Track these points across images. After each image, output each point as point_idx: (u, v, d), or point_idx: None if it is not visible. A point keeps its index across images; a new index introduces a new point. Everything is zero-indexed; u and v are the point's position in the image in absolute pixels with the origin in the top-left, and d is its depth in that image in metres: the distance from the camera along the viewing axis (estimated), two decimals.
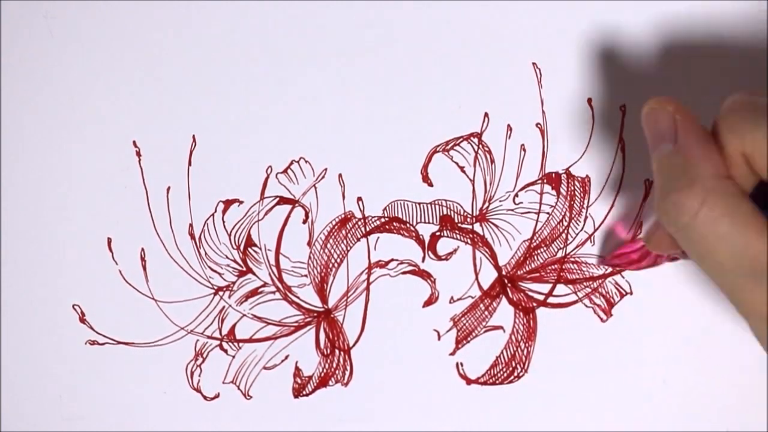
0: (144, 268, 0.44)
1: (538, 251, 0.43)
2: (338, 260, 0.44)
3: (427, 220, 0.43)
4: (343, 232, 0.44)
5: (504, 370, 0.43)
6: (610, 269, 0.43)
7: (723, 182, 0.32)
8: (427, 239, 0.44)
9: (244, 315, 0.44)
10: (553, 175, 0.43)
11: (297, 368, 0.44)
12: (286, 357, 0.44)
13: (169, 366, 0.44)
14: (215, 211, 0.44)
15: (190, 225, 0.44)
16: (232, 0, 0.43)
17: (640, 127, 0.42)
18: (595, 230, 0.43)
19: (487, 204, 0.43)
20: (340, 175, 0.43)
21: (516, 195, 0.43)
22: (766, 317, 0.32)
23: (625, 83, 0.42)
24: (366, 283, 0.44)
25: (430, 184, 0.43)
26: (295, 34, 0.43)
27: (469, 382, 0.43)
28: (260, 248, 0.44)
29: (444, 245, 0.44)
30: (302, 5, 0.43)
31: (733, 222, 0.31)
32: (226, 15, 0.43)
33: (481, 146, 0.43)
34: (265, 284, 0.44)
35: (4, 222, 0.44)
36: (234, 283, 0.44)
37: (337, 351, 0.44)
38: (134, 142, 0.44)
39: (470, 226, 0.43)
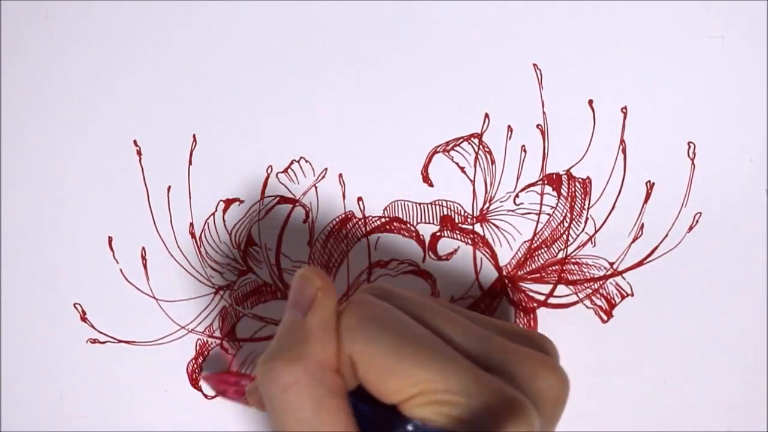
0: (145, 267, 0.44)
1: (539, 252, 0.43)
2: (338, 260, 0.44)
3: (427, 221, 0.43)
4: (344, 231, 0.44)
5: None
6: (610, 271, 0.43)
7: (325, 373, 0.32)
8: (427, 239, 0.44)
9: (245, 314, 0.44)
10: (554, 176, 0.43)
11: None
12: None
13: (169, 365, 0.44)
14: (216, 210, 0.44)
15: (191, 224, 0.44)
16: (232, 0, 0.43)
17: (642, 129, 0.42)
18: (596, 231, 0.43)
19: (487, 204, 0.43)
20: (340, 175, 0.43)
21: (516, 196, 0.43)
22: None
23: (627, 84, 0.42)
24: (366, 283, 0.44)
25: (431, 185, 0.43)
26: (295, 34, 0.43)
27: None
28: (261, 247, 0.44)
29: (444, 245, 0.44)
30: (302, 5, 0.43)
31: (318, 412, 0.31)
32: (227, 15, 0.43)
33: (481, 147, 0.43)
34: (265, 284, 0.44)
35: (4, 222, 0.44)
36: (234, 282, 0.44)
37: None
38: (135, 142, 0.44)
39: (471, 227, 0.43)
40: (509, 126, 0.43)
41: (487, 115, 0.43)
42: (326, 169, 0.43)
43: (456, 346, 0.33)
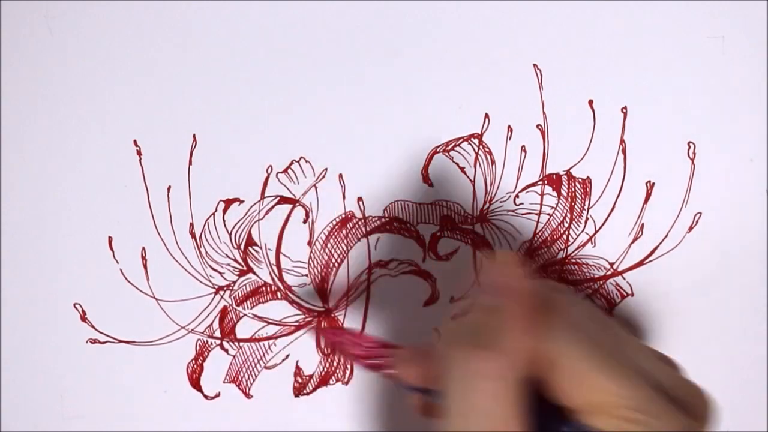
0: (145, 267, 0.44)
1: (539, 252, 0.43)
2: (339, 260, 0.44)
3: (427, 221, 0.43)
4: (344, 232, 0.44)
5: None
6: (610, 271, 0.43)
7: (517, 366, 0.32)
8: (427, 239, 0.44)
9: (245, 314, 0.44)
10: (554, 176, 0.43)
11: (298, 367, 0.44)
12: (287, 356, 0.44)
13: (169, 365, 0.44)
14: (216, 210, 0.44)
15: (191, 224, 0.44)
16: (232, 0, 0.43)
17: (642, 129, 0.42)
18: (596, 231, 0.43)
19: (487, 205, 0.43)
20: (340, 175, 0.43)
21: (517, 196, 0.43)
22: None
23: (627, 84, 0.42)
24: (366, 283, 0.44)
25: (431, 185, 0.43)
26: (295, 34, 0.43)
27: None
28: (261, 248, 0.44)
29: (444, 245, 0.44)
30: (303, 5, 0.43)
31: (497, 403, 0.31)
32: (227, 15, 0.43)
33: (481, 147, 0.43)
34: (265, 284, 0.44)
35: (4, 222, 0.44)
36: (235, 282, 0.44)
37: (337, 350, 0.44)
38: (135, 142, 0.44)
39: (471, 227, 0.43)
40: (509, 126, 0.43)
41: (487, 115, 0.43)
42: (326, 169, 0.43)
43: (645, 372, 0.33)
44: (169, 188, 0.44)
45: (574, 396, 0.32)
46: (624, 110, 0.42)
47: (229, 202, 0.44)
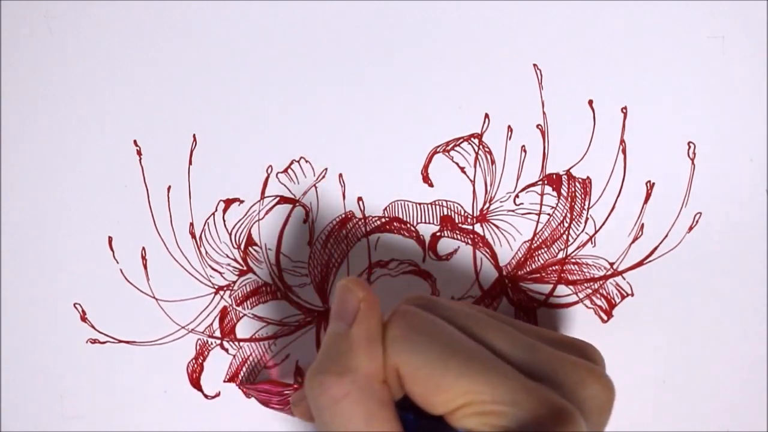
0: (145, 267, 0.44)
1: (539, 252, 0.43)
2: (339, 260, 0.44)
3: (427, 221, 0.43)
4: (344, 231, 0.44)
5: None
6: (610, 271, 0.43)
7: (374, 384, 0.32)
8: (427, 239, 0.44)
9: (245, 314, 0.44)
10: (554, 176, 0.43)
11: (298, 367, 0.44)
12: (287, 356, 0.44)
13: (169, 365, 0.44)
14: (216, 210, 0.44)
15: (191, 224, 0.44)
16: (232, 0, 0.43)
17: (642, 129, 0.42)
18: (596, 231, 0.43)
19: (487, 204, 0.43)
20: (340, 175, 0.43)
21: (517, 196, 0.43)
22: None
23: (627, 84, 0.42)
24: (368, 283, 0.44)
25: (431, 185, 0.43)
26: (295, 34, 0.43)
27: None
28: (261, 247, 0.44)
29: (444, 245, 0.44)
30: (303, 5, 0.43)
31: (368, 423, 0.31)
32: (227, 15, 0.43)
33: (481, 147, 0.43)
34: (265, 284, 0.44)
35: (4, 222, 0.44)
36: (234, 282, 0.44)
37: None
38: (135, 141, 0.44)
39: (471, 227, 0.43)
40: (509, 126, 0.43)
41: (487, 115, 0.43)
42: (326, 169, 0.43)
43: (502, 356, 0.33)
44: (169, 188, 0.44)
45: (434, 403, 0.32)
46: (624, 110, 0.42)
47: (229, 202, 0.44)
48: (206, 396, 0.44)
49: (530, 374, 0.32)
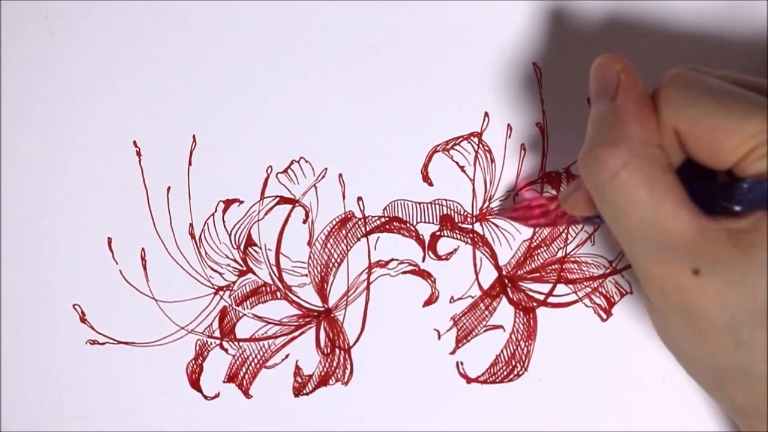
0: (144, 267, 0.44)
1: (539, 251, 0.43)
2: (338, 260, 0.44)
3: (427, 220, 0.43)
4: (344, 231, 0.44)
5: (504, 368, 0.43)
6: (609, 269, 0.43)
7: (650, 149, 0.31)
8: (427, 239, 0.44)
9: (245, 314, 0.44)
10: (554, 174, 0.43)
11: (297, 367, 0.44)
12: (287, 356, 0.44)
13: (169, 366, 0.44)
14: (215, 210, 0.44)
15: (191, 225, 0.44)
16: (232, 0, 0.43)
17: None
18: (595, 230, 0.43)
19: (487, 203, 0.43)
20: (340, 175, 0.43)
21: (516, 194, 0.43)
22: (661, 291, 0.32)
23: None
24: (366, 283, 0.44)
25: (431, 184, 0.43)
26: (295, 33, 0.43)
27: (469, 381, 0.43)
28: (260, 248, 0.44)
29: (444, 245, 0.44)
30: (302, 5, 0.43)
31: (652, 191, 0.31)
32: (227, 15, 0.43)
33: (481, 146, 0.43)
34: (265, 284, 0.44)
35: (4, 222, 0.44)
36: (234, 282, 0.44)
37: (337, 350, 0.44)
38: (134, 142, 0.44)
39: (470, 226, 0.43)
40: (509, 125, 0.43)
41: (486, 114, 0.43)
42: (326, 169, 0.43)
43: None
44: (168, 189, 0.44)
45: (722, 153, 0.31)
46: None
47: (228, 203, 0.44)
48: (206, 397, 0.44)
49: None
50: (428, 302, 0.44)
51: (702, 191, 0.32)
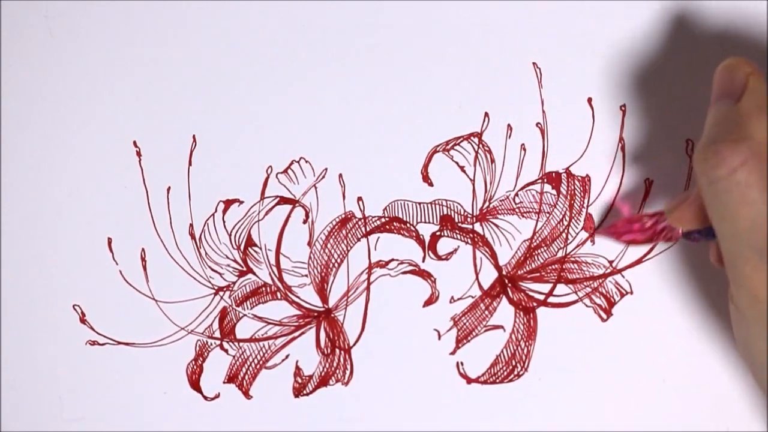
0: (144, 268, 0.44)
1: (539, 251, 0.43)
2: (338, 260, 0.44)
3: (427, 220, 0.43)
4: (344, 232, 0.44)
5: (504, 368, 0.43)
6: (609, 269, 0.43)
7: None
8: (427, 239, 0.44)
9: (245, 315, 0.44)
10: (554, 174, 0.43)
11: (297, 367, 0.44)
12: (287, 356, 0.44)
13: (169, 366, 0.44)
14: (215, 211, 0.44)
15: (191, 225, 0.44)
16: (232, 0, 0.43)
17: (640, 127, 0.42)
18: (595, 229, 0.43)
19: (487, 203, 0.43)
20: (340, 175, 0.43)
21: (516, 194, 0.43)
22: (752, 298, 0.32)
23: (625, 83, 0.42)
24: (366, 283, 0.44)
25: (431, 184, 0.43)
26: (295, 34, 0.43)
27: (469, 381, 0.43)
28: (260, 248, 0.44)
29: (444, 245, 0.44)
30: (302, 5, 0.43)
31: (764, 191, 0.31)
32: (227, 15, 0.43)
33: (481, 146, 0.43)
34: (265, 284, 0.44)
35: (4, 222, 0.44)
36: (234, 283, 0.44)
37: (337, 350, 0.44)
38: (134, 142, 0.44)
39: (470, 226, 0.43)
40: (509, 125, 0.43)
41: (486, 114, 0.43)
42: (326, 169, 0.43)
43: None
44: (168, 189, 0.44)
45: None
46: (623, 108, 0.43)
47: (228, 203, 0.44)
48: (206, 397, 0.44)
49: None
50: (428, 302, 0.44)
51: None
